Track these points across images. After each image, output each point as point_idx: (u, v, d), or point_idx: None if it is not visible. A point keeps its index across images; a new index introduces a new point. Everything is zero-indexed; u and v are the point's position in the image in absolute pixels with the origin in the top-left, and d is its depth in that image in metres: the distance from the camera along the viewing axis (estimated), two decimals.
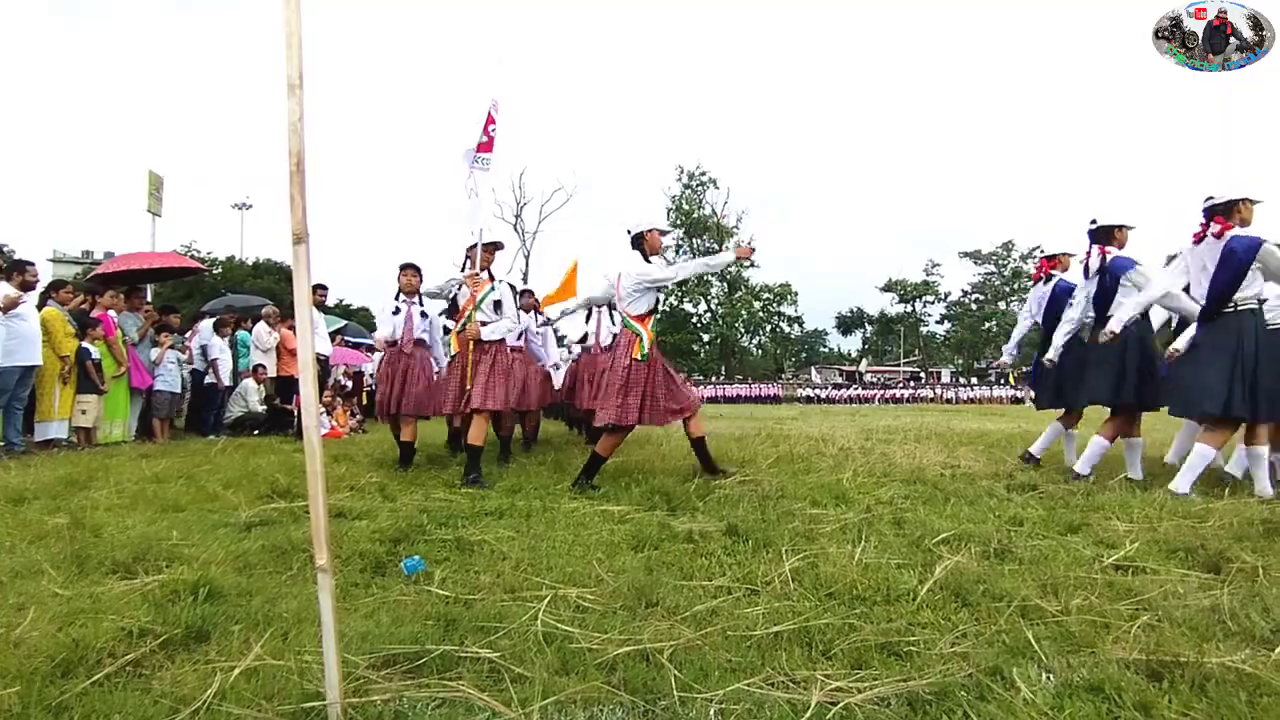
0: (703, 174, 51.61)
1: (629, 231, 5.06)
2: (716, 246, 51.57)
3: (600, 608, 2.40)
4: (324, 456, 1.70)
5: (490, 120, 5.36)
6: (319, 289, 8.50)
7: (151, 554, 2.93)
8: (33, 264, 7.04)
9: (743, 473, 5.25)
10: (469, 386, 5.17)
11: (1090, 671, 1.86)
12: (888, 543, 3.24)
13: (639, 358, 4.79)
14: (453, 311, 5.66)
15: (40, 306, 7.37)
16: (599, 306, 6.78)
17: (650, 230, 4.99)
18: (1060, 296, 5.78)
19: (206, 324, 9.53)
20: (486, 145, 5.35)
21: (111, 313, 8.05)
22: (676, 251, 52.59)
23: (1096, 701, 1.71)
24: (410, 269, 6.09)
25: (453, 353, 5.22)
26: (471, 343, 5.22)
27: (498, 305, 5.31)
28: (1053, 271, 6.01)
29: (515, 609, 2.36)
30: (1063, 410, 5.84)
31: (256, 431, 9.30)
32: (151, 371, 8.48)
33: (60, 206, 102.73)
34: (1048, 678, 1.86)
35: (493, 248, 5.48)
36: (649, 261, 4.94)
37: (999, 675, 1.86)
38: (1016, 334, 6.42)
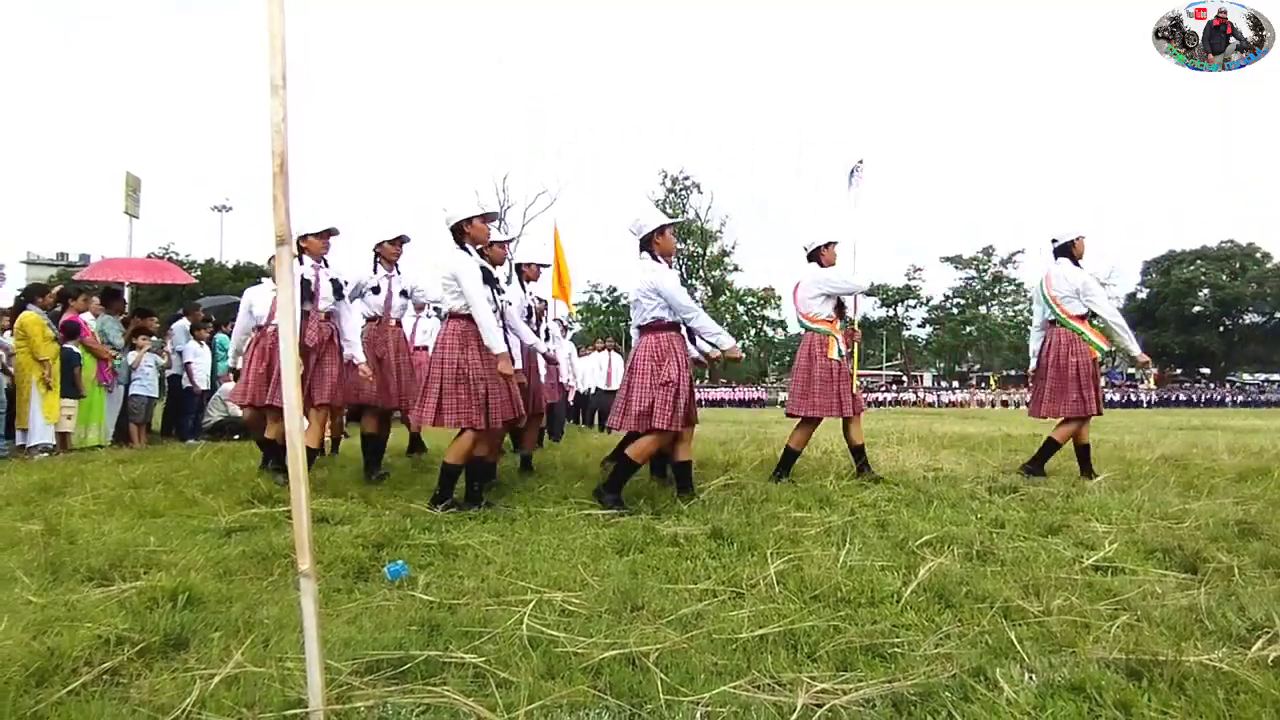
0: (686, 179, 51.77)
1: (1054, 240, 5.43)
2: (701, 250, 51.78)
3: (585, 612, 2.39)
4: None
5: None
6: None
7: (129, 560, 2.88)
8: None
9: (727, 476, 5.26)
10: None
11: (1071, 671, 1.88)
12: (871, 545, 3.26)
13: (1099, 354, 5.26)
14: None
15: (18, 311, 7.27)
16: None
17: (1078, 238, 5.34)
18: None
19: (181, 326, 9.39)
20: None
21: (87, 316, 7.93)
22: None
23: (1078, 701, 1.74)
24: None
25: (843, 351, 5.19)
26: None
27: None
28: None
29: (500, 613, 2.35)
30: None
31: (236, 436, 9.18)
32: (129, 376, 8.36)
33: (34, 208, 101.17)
34: (1030, 678, 1.88)
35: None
36: (1078, 265, 5.34)
37: (982, 675, 1.88)
38: None
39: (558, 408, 9.86)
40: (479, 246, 4.37)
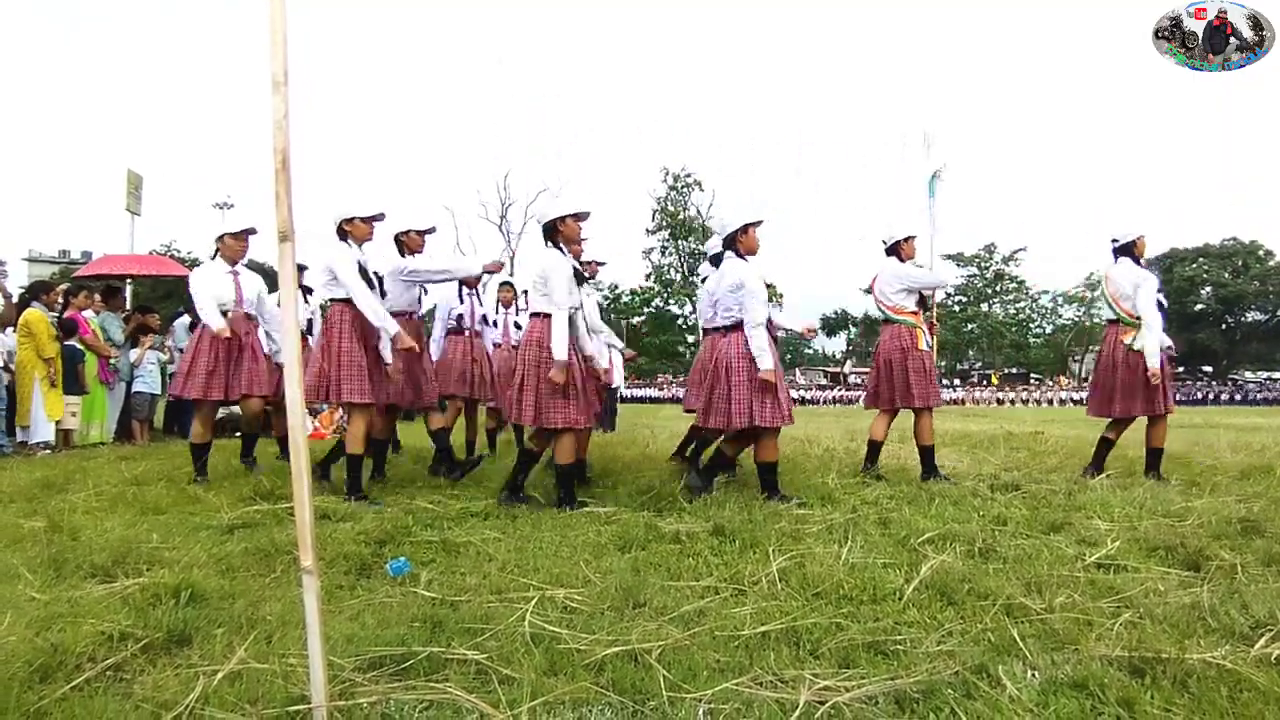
0: (688, 176, 51.67)
1: (1114, 240, 5.36)
2: (702, 248, 51.63)
3: (588, 608, 2.40)
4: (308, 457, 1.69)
5: None
6: (304, 291, 8.36)
7: (131, 557, 2.89)
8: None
9: (729, 474, 5.26)
10: None
11: (1074, 668, 1.88)
12: (874, 542, 3.25)
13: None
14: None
15: (21, 309, 7.30)
16: None
17: (1139, 238, 5.31)
18: None
19: (182, 323, 9.41)
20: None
21: (89, 313, 7.95)
22: (662, 253, 52.73)
23: (1080, 698, 1.73)
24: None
25: (929, 342, 5.40)
26: None
27: None
28: None
29: (502, 610, 2.35)
30: None
31: (238, 433, 9.19)
32: (130, 373, 8.38)
33: (36, 205, 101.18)
34: (1033, 675, 1.88)
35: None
36: (1139, 264, 5.32)
37: (985, 673, 1.87)
38: None
39: None
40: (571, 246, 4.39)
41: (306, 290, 6.40)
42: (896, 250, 5.39)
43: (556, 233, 4.26)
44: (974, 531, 3.35)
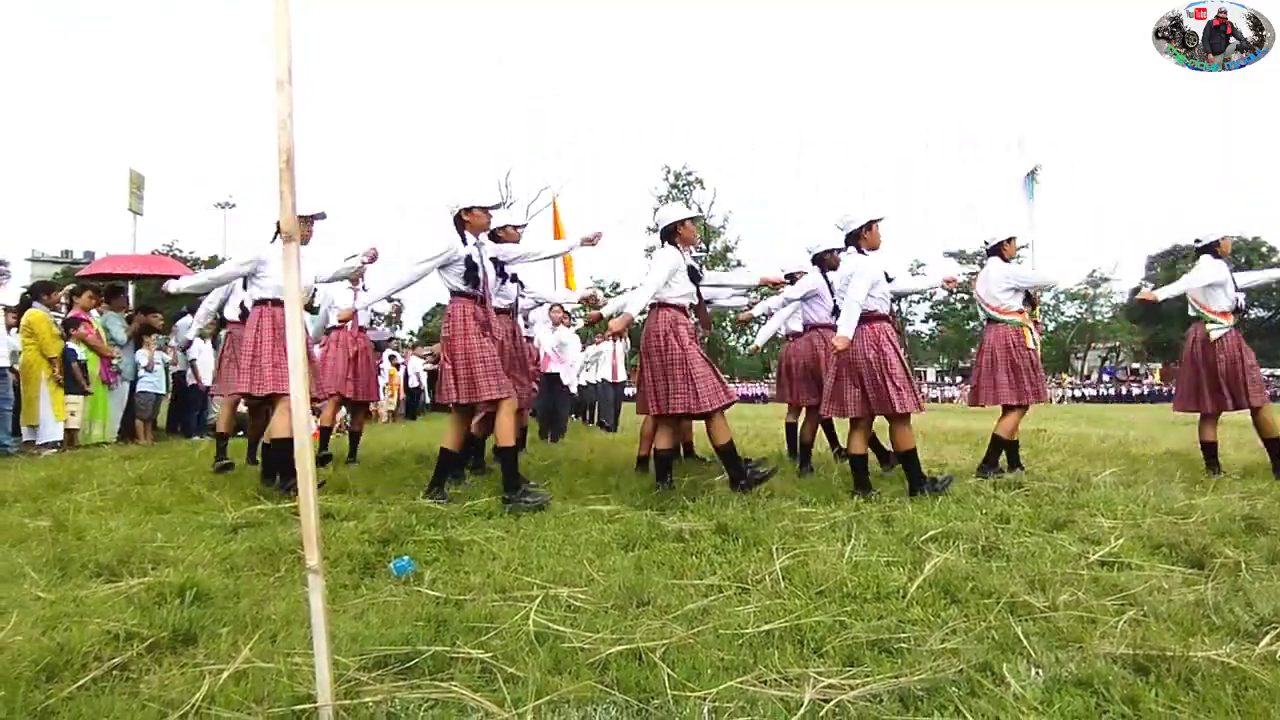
0: (689, 174, 51.53)
1: (1197, 240, 5.60)
2: (704, 246, 51.57)
3: (592, 607, 2.40)
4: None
5: None
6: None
7: (136, 556, 2.89)
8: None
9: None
10: None
11: (1078, 666, 1.88)
12: (877, 540, 3.25)
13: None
14: None
15: (23, 309, 7.31)
16: None
17: (1224, 238, 5.56)
18: None
19: (184, 323, 9.43)
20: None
21: (95, 313, 7.97)
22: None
23: (1085, 696, 1.73)
24: None
25: (1036, 340, 5.45)
26: None
27: None
28: None
29: (506, 609, 2.36)
30: None
31: (241, 432, 9.20)
32: (135, 373, 8.40)
33: (39, 205, 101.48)
34: (1037, 673, 1.88)
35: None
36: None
37: (989, 671, 1.87)
38: None
39: (560, 404, 9.79)
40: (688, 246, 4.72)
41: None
42: (999, 251, 5.42)
43: (675, 234, 4.67)
44: (977, 529, 3.35)
